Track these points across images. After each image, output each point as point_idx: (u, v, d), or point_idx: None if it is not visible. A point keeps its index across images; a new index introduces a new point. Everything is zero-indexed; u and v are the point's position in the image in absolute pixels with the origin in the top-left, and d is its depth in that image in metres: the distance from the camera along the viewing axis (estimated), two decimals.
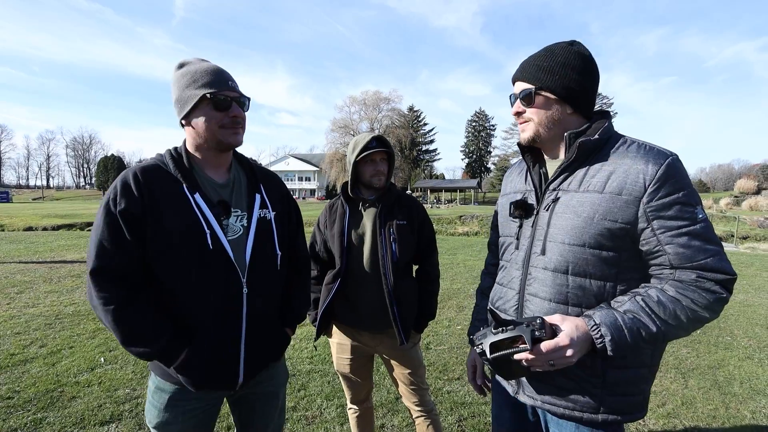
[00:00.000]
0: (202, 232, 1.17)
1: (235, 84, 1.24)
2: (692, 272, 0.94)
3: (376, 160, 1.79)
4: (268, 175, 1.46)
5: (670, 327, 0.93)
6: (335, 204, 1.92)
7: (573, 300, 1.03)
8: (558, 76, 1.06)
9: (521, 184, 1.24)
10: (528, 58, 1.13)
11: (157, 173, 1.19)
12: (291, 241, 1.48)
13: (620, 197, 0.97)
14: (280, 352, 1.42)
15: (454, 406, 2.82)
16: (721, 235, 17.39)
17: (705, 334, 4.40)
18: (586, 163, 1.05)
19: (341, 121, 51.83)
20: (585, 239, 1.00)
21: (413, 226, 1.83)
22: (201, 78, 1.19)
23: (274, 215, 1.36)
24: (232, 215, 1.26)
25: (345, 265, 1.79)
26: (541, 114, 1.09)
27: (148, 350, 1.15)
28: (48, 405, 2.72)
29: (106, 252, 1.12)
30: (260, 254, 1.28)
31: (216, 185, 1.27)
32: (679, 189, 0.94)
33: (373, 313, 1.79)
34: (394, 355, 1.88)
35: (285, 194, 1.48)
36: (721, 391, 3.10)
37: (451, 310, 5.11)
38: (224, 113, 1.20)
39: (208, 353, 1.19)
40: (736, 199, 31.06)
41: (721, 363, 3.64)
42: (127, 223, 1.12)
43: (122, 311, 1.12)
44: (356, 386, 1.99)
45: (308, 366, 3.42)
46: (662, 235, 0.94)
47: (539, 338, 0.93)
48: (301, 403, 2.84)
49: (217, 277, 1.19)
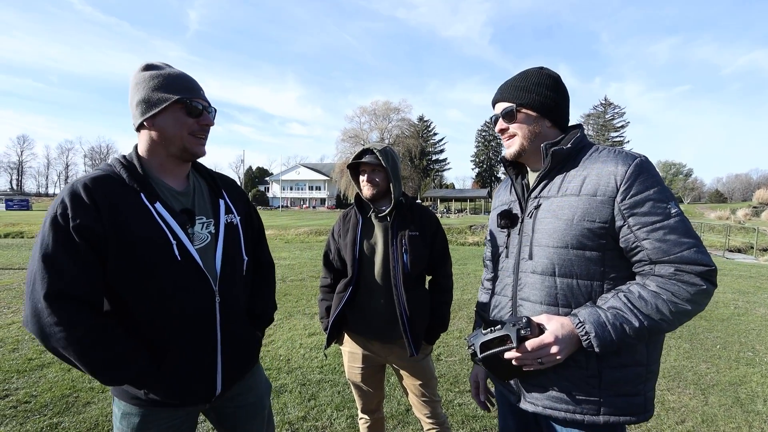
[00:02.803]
0: (168, 242, 1.10)
1: (204, 94, 1.24)
2: (670, 266, 0.97)
3: (367, 170, 1.81)
4: (229, 181, 1.45)
5: (653, 321, 0.97)
6: (349, 213, 1.94)
7: (562, 301, 1.07)
8: (534, 93, 1.18)
9: (507, 197, 1.33)
10: (504, 83, 1.25)
11: (110, 183, 1.10)
12: (255, 246, 1.47)
13: (595, 198, 1.03)
14: (256, 354, 1.40)
15: (466, 419, 2.78)
16: (740, 247, 16.93)
17: (726, 349, 4.27)
18: (563, 170, 1.13)
19: (351, 131, 52.36)
20: (567, 240, 1.05)
21: (425, 237, 1.83)
22: (175, 82, 1.16)
23: (240, 219, 1.34)
24: (197, 223, 1.22)
25: (356, 275, 1.80)
26: (524, 128, 1.19)
27: (124, 375, 1.07)
28: (63, 410, 2.76)
29: (62, 273, 0.99)
30: (229, 261, 1.26)
31: (175, 193, 1.22)
32: (650, 186, 1.00)
33: (383, 323, 1.78)
34: (405, 366, 1.87)
35: (246, 200, 1.47)
36: (744, 409, 2.99)
37: (462, 321, 5.06)
38: (195, 120, 1.19)
39: (184, 368, 1.15)
40: (754, 209, 30.29)
41: (743, 379, 3.52)
42: (84, 240, 1.02)
43: (91, 335, 1.01)
44: (367, 396, 1.98)
45: (318, 376, 3.41)
46: (638, 231, 0.99)
47: (525, 336, 0.99)
48: (311, 413, 2.83)
49: (187, 288, 1.14)
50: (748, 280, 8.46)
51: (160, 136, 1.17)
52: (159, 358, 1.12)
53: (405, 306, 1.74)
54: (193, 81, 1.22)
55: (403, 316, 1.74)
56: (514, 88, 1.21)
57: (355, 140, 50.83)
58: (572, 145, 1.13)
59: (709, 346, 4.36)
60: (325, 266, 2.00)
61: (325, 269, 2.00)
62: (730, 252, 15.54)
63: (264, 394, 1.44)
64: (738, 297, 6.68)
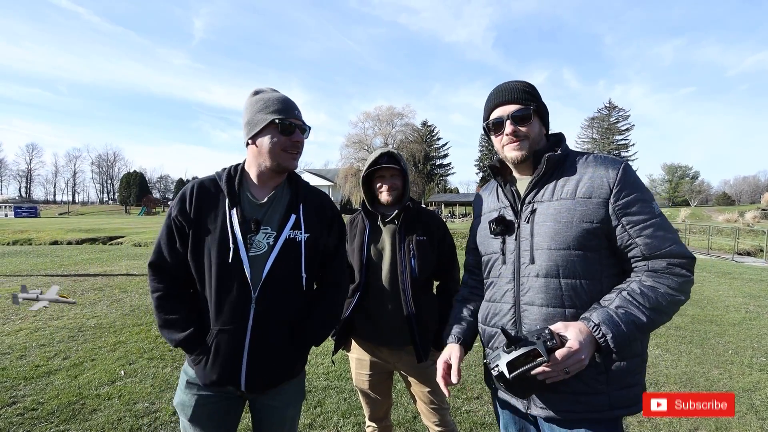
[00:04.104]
0: (227, 246, 1.27)
1: (299, 114, 1.37)
2: (662, 260, 1.05)
3: (386, 175, 1.80)
4: (313, 196, 1.47)
5: (655, 313, 1.02)
6: (356, 219, 1.93)
7: (568, 302, 1.10)
8: (539, 99, 1.23)
9: (494, 203, 1.33)
10: (507, 87, 1.24)
11: (210, 187, 1.35)
12: (325, 264, 1.47)
13: (591, 200, 1.09)
14: (288, 372, 1.39)
15: (474, 426, 2.74)
16: (750, 250, 16.69)
17: (738, 354, 4.19)
18: (554, 175, 1.18)
19: (355, 136, 52.53)
20: (568, 242, 1.09)
21: (433, 242, 1.82)
22: (272, 105, 1.33)
23: (307, 237, 1.37)
24: (261, 232, 1.32)
25: (364, 280, 1.79)
26: (534, 132, 1.21)
27: (174, 338, 1.30)
28: (70, 417, 2.76)
29: (160, 249, 1.34)
30: (280, 274, 1.31)
31: (255, 203, 1.35)
32: (637, 188, 1.09)
33: (391, 328, 1.77)
34: (413, 373, 1.85)
35: (327, 216, 1.47)
36: (759, 416, 2.93)
37: None
38: (288, 138, 1.33)
39: (216, 355, 1.28)
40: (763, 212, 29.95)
41: (757, 385, 3.45)
42: (177, 229, 1.32)
43: (162, 300, 1.32)
44: (375, 403, 1.96)
45: (324, 382, 3.38)
46: (631, 229, 1.06)
47: (552, 348, 0.97)
48: (317, 420, 2.80)
49: (230, 289, 1.27)
50: (759, 283, 8.33)
51: (260, 152, 1.34)
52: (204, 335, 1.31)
53: (413, 311, 1.72)
54: (288, 102, 1.35)
55: (412, 322, 1.72)
56: (524, 92, 1.22)
57: (359, 146, 50.98)
58: (562, 151, 1.19)
59: (721, 351, 4.28)
60: None
61: None
62: (740, 255, 15.31)
63: (290, 403, 1.45)
64: (749, 301, 6.57)
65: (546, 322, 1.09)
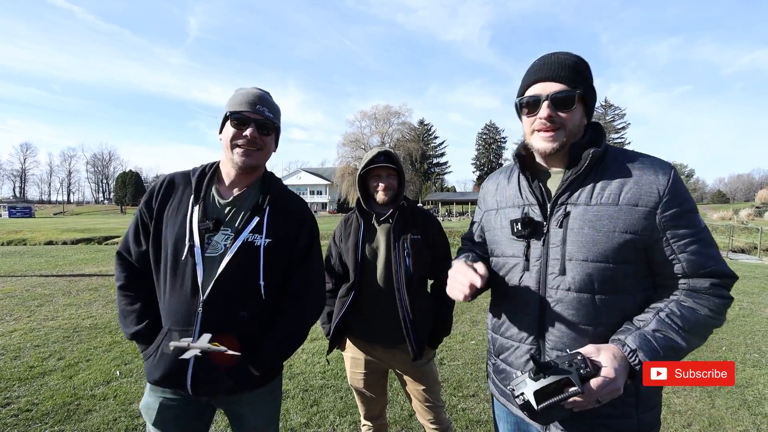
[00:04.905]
0: (183, 243, 1.22)
1: (263, 109, 1.27)
2: (705, 280, 0.95)
3: (382, 174, 1.80)
4: (285, 200, 1.37)
5: (694, 338, 0.94)
6: (350, 218, 1.93)
7: (601, 320, 0.98)
8: (589, 82, 1.04)
9: (516, 198, 1.15)
10: (553, 59, 1.03)
11: (181, 182, 1.32)
12: (289, 272, 1.35)
13: (637, 208, 0.95)
14: (246, 381, 1.26)
15: (470, 424, 2.76)
16: (744, 247, 16.83)
17: (731, 350, 4.23)
18: (591, 175, 1.02)
19: (352, 135, 52.47)
20: (608, 254, 0.96)
21: (427, 241, 1.82)
22: (236, 98, 1.28)
23: (268, 243, 1.26)
24: (221, 233, 1.25)
25: (359, 279, 1.79)
26: (575, 120, 1.02)
27: (127, 330, 1.29)
28: (65, 418, 2.74)
29: (127, 239, 1.34)
30: (232, 278, 1.21)
31: (219, 202, 1.30)
32: (687, 197, 0.97)
33: (386, 327, 1.77)
34: (408, 371, 1.85)
35: (298, 224, 1.36)
36: (751, 412, 2.96)
37: (464, 325, 5.03)
38: (240, 131, 1.24)
39: (162, 354, 1.23)
40: (757, 209, 30.20)
41: (750, 381, 3.48)
42: (142, 221, 1.31)
43: (123, 290, 1.32)
44: (370, 402, 1.96)
45: (321, 381, 3.39)
46: (675, 244, 0.95)
47: (586, 377, 0.87)
48: (313, 419, 2.81)
49: (180, 288, 1.22)
50: (753, 280, 8.40)
51: (223, 147, 1.31)
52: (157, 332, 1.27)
53: (408, 310, 1.73)
54: (253, 97, 1.28)
55: (407, 320, 1.72)
56: (573, 69, 1.01)
57: (356, 144, 50.93)
58: (604, 147, 1.03)
59: (715, 347, 4.32)
60: (326, 271, 1.99)
61: (327, 274, 1.98)
62: (734, 252, 15.44)
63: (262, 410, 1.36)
64: (743, 298, 6.62)
65: (574, 340, 0.99)
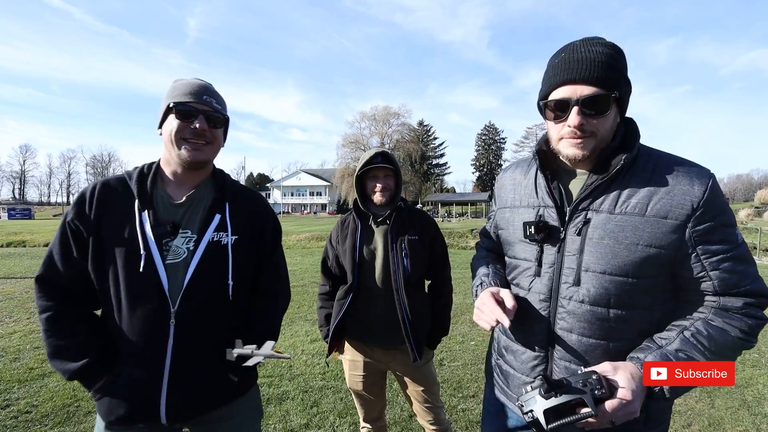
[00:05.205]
0: (137, 253, 1.08)
1: (212, 101, 1.18)
2: (738, 299, 0.88)
3: (379, 176, 1.80)
4: (243, 195, 1.31)
5: (720, 359, 0.87)
6: (347, 219, 1.93)
7: (615, 335, 0.94)
8: (625, 77, 0.93)
9: (532, 197, 1.08)
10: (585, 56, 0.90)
11: (117, 187, 1.16)
12: (258, 268, 1.30)
13: (666, 221, 0.87)
14: (224, 397, 1.21)
15: (470, 425, 2.76)
16: None
17: None
18: (619, 178, 0.93)
19: (352, 136, 52.54)
20: (628, 269, 0.90)
21: (425, 241, 1.82)
22: (178, 89, 1.17)
23: (235, 240, 1.21)
24: (180, 237, 1.15)
25: (357, 281, 1.79)
26: (608, 125, 0.93)
27: (67, 369, 1.08)
28: (64, 420, 2.74)
29: (52, 260, 1.12)
30: (203, 283, 1.14)
31: (171, 204, 1.18)
32: (722, 210, 0.88)
33: (385, 328, 1.78)
34: (407, 372, 1.86)
35: (261, 217, 1.32)
36: (751, 412, 2.96)
37: (464, 326, 5.03)
38: (186, 124, 1.14)
39: (126, 385, 1.10)
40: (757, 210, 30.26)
41: (750, 381, 3.48)
42: (73, 235, 1.12)
43: (53, 322, 1.10)
44: (369, 404, 1.96)
45: (320, 382, 3.39)
46: (707, 260, 0.87)
47: (601, 398, 0.83)
48: (313, 420, 2.81)
49: (144, 303, 1.09)
50: None
51: (165, 144, 1.19)
52: (109, 366, 1.12)
53: (407, 311, 1.73)
54: (196, 86, 1.18)
55: (406, 321, 1.73)
56: (609, 67, 0.89)
57: (355, 145, 50.99)
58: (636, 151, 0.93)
59: None
60: (323, 273, 1.99)
61: (324, 276, 1.99)
62: None
63: (243, 423, 1.28)
64: None
65: (583, 353, 0.95)
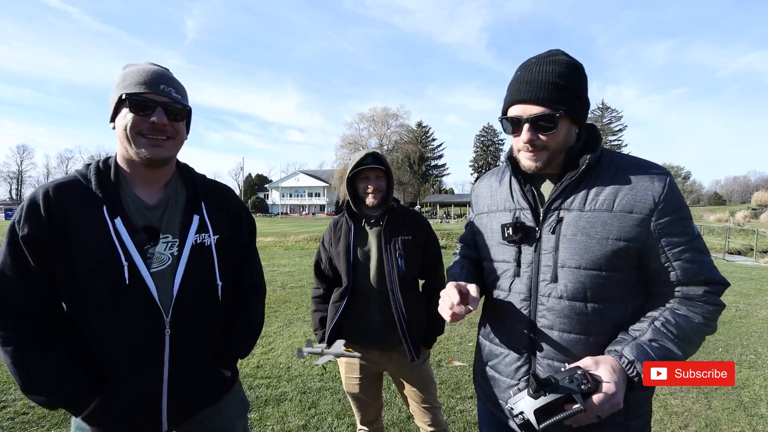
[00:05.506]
0: (119, 264, 1.00)
1: (171, 90, 1.07)
2: (699, 287, 0.96)
3: (371, 177, 1.79)
4: (215, 191, 1.26)
5: (689, 346, 0.94)
6: (340, 221, 1.92)
7: (594, 329, 0.98)
8: (575, 95, 0.98)
9: (507, 201, 1.14)
10: (532, 77, 0.98)
11: (74, 191, 1.03)
12: (239, 266, 1.29)
13: (631, 215, 0.95)
14: (217, 393, 1.22)
15: (468, 426, 2.76)
16: (740, 249, 16.92)
17: (728, 352, 4.25)
18: (586, 179, 1.01)
19: (350, 137, 52.62)
20: (601, 262, 0.96)
21: (418, 241, 1.82)
22: (130, 78, 1.05)
23: (216, 239, 1.17)
24: (161, 242, 1.08)
25: (351, 283, 1.79)
26: (558, 141, 0.99)
27: (50, 399, 1.00)
28: (61, 421, 2.73)
29: (6, 281, 0.97)
30: (192, 287, 1.10)
31: (144, 207, 1.09)
32: (681, 204, 0.96)
33: (381, 329, 1.78)
34: (403, 372, 1.86)
35: (235, 213, 1.28)
36: (747, 413, 2.97)
37: (462, 327, 5.04)
38: (143, 118, 1.03)
39: (123, 402, 1.04)
40: (753, 211, 30.40)
41: (746, 383, 3.50)
42: (31, 251, 0.97)
43: (22, 352, 0.97)
44: (366, 406, 1.97)
45: (318, 383, 3.38)
46: (670, 251, 0.95)
47: (588, 393, 0.86)
48: (311, 421, 2.80)
49: (134, 315, 1.03)
50: (749, 282, 8.44)
51: (119, 140, 1.06)
52: (97, 386, 1.03)
53: (403, 311, 1.73)
54: (152, 75, 1.06)
55: (402, 321, 1.73)
56: (555, 88, 0.96)
57: (354, 146, 51.03)
58: (599, 153, 1.01)
59: (711, 349, 4.34)
60: (317, 276, 1.99)
61: (318, 279, 1.99)
62: (730, 254, 15.52)
63: (234, 419, 1.29)
64: (739, 299, 6.65)
65: (566, 349, 1.00)
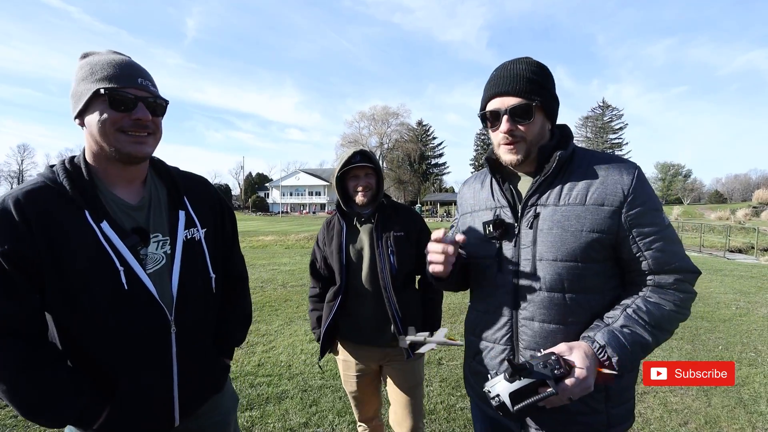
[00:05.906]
0: (114, 270, 0.96)
1: (148, 83, 1.03)
2: (670, 276, 0.99)
3: (360, 175, 1.78)
4: (194, 183, 1.24)
5: (660, 332, 0.98)
6: (332, 220, 1.93)
7: (572, 318, 1.02)
8: (547, 90, 1.06)
9: (488, 201, 1.19)
10: (508, 72, 1.05)
11: (47, 197, 0.94)
12: (227, 256, 1.30)
13: (603, 208, 0.99)
14: (222, 381, 1.26)
15: (468, 423, 2.77)
16: (741, 247, 16.92)
17: (728, 350, 4.26)
18: (559, 176, 1.06)
19: (351, 136, 52.65)
20: (577, 254, 1.00)
21: (411, 237, 1.82)
22: (101, 70, 0.98)
23: (204, 233, 1.16)
24: (152, 242, 1.05)
25: (345, 281, 1.80)
26: (534, 132, 1.05)
27: (63, 416, 0.95)
28: None
29: None
30: (190, 283, 1.10)
31: (127, 207, 1.05)
32: (650, 196, 1.00)
33: (376, 327, 1.78)
34: (397, 369, 1.85)
35: (216, 203, 1.27)
36: (747, 410, 2.98)
37: (461, 325, 5.04)
38: (124, 114, 0.97)
39: (136, 405, 1.02)
40: (754, 209, 30.38)
41: (746, 380, 3.50)
42: (14, 267, 0.89)
43: (23, 375, 0.90)
44: (364, 403, 1.98)
45: (319, 381, 3.40)
46: (641, 242, 0.99)
47: (560, 377, 0.90)
48: (312, 419, 2.82)
49: (137, 320, 1.00)
50: (750, 280, 8.44)
51: (93, 136, 0.99)
52: (108, 394, 1.00)
53: (396, 307, 1.73)
54: (126, 67, 1.00)
55: (396, 318, 1.73)
56: (529, 81, 1.03)
57: (354, 145, 50.93)
58: (571, 150, 1.07)
59: (711, 347, 4.34)
60: (312, 276, 1.99)
61: (313, 279, 1.99)
62: (731, 252, 15.50)
63: (229, 410, 1.32)
64: (739, 297, 6.66)
65: (546, 339, 1.03)
